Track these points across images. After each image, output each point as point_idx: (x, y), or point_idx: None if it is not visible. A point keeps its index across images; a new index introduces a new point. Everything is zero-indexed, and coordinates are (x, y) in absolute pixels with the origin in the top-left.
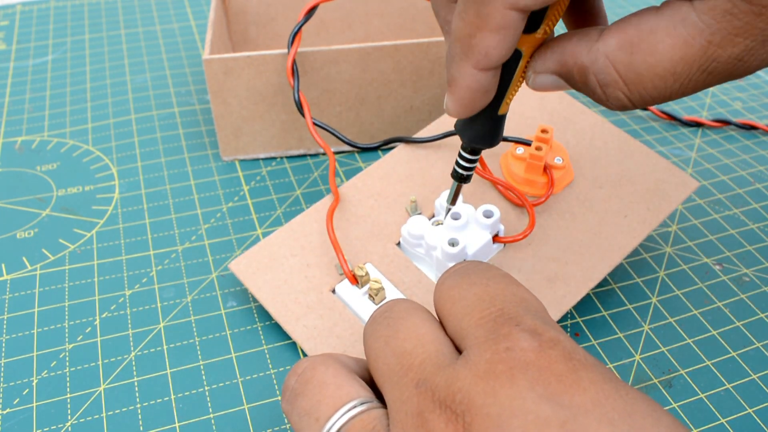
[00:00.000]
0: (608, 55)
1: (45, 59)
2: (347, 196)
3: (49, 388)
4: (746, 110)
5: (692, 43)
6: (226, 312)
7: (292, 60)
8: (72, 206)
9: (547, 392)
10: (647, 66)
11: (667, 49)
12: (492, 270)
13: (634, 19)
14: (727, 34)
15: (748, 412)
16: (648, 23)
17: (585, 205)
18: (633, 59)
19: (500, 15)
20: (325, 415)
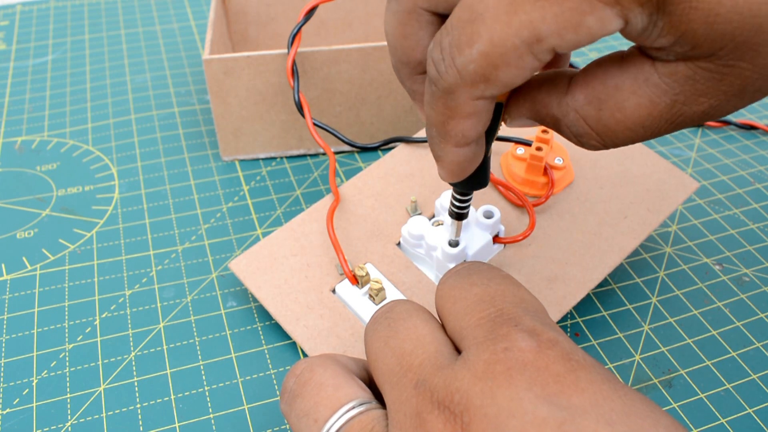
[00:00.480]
0: (577, 110)
1: (45, 59)
2: (347, 196)
3: (49, 388)
4: (746, 110)
5: (657, 102)
6: (226, 312)
7: (291, 61)
8: (72, 206)
9: (544, 393)
10: (616, 121)
11: (633, 107)
12: (493, 271)
13: (600, 72)
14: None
15: (748, 412)
16: (613, 79)
17: (585, 205)
18: (602, 115)
19: (468, 105)
20: (324, 416)
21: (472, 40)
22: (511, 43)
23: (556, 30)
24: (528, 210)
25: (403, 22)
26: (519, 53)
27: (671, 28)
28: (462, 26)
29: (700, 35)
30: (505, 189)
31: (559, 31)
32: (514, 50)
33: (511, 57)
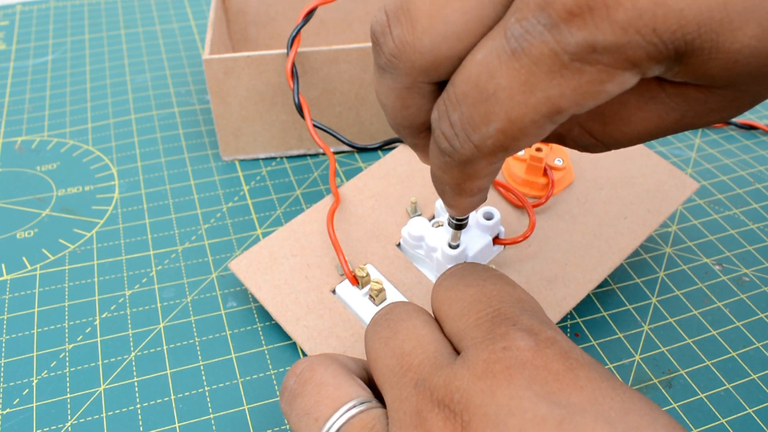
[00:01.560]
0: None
1: (45, 59)
2: (347, 196)
3: (49, 388)
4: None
5: (665, 117)
6: (226, 312)
7: (291, 63)
8: (72, 206)
9: (544, 391)
10: (622, 133)
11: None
12: (488, 271)
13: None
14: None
15: (748, 412)
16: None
17: (585, 206)
18: (607, 129)
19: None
20: (325, 415)
21: (488, 119)
22: (529, 119)
23: (575, 101)
24: (528, 211)
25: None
26: (538, 125)
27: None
28: (473, 104)
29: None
30: (505, 190)
31: (579, 101)
32: (533, 124)
33: (531, 129)
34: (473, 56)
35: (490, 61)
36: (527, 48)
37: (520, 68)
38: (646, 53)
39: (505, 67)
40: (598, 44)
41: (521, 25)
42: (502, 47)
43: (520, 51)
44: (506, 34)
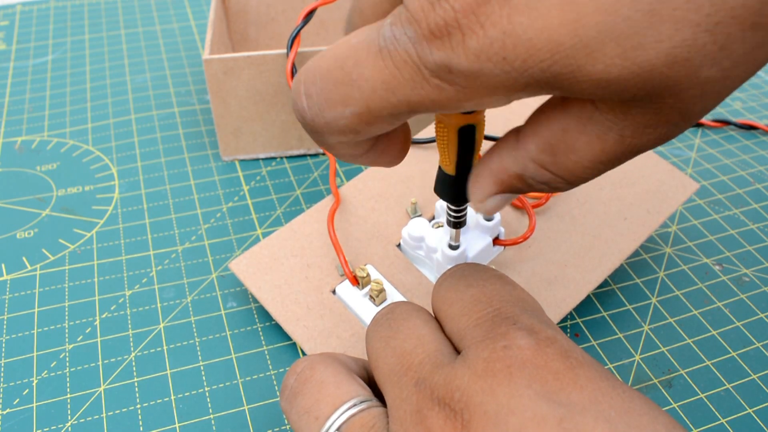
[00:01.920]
0: (534, 159)
1: (45, 59)
2: (347, 197)
3: (49, 389)
4: (746, 110)
5: (606, 138)
6: (226, 312)
7: (291, 64)
8: (72, 206)
9: (544, 390)
10: (573, 162)
11: (584, 147)
12: (488, 271)
13: (544, 118)
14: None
15: (748, 412)
16: (559, 123)
17: (585, 207)
18: (558, 159)
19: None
20: (325, 413)
21: (345, 102)
22: (387, 112)
23: (434, 108)
24: (528, 212)
25: None
26: (396, 117)
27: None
28: (334, 84)
29: (600, 95)
30: None
31: (439, 109)
32: (390, 116)
33: (387, 120)
34: (348, 39)
35: (360, 50)
36: (393, 52)
37: (384, 68)
38: (500, 80)
39: (371, 60)
40: (454, 67)
41: (392, 29)
42: (374, 41)
43: (386, 52)
44: (380, 31)
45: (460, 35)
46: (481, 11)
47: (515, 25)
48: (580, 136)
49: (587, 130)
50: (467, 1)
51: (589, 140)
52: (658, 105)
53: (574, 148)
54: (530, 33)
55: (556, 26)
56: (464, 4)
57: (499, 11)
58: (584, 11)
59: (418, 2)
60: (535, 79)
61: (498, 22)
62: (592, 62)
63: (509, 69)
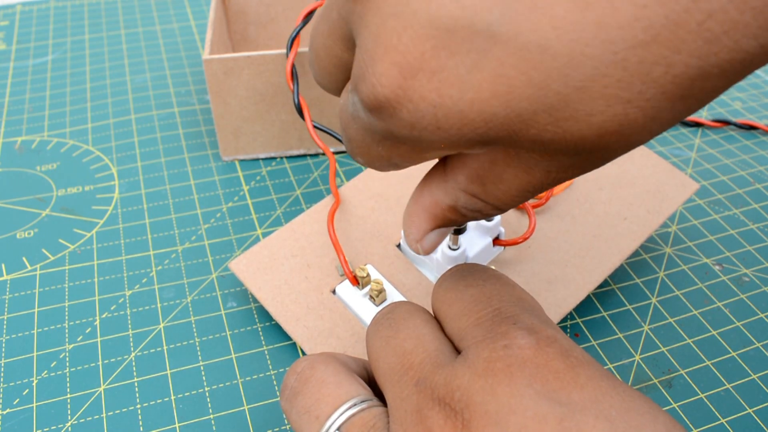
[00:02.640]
0: (465, 190)
1: (45, 59)
2: (347, 197)
3: (49, 389)
4: (746, 110)
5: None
6: (226, 312)
7: (291, 64)
8: (72, 206)
9: (545, 389)
10: (502, 191)
11: (512, 178)
12: (488, 271)
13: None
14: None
15: (748, 412)
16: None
17: (585, 207)
18: (487, 188)
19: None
20: (325, 413)
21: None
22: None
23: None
24: (528, 212)
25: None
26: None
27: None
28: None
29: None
30: None
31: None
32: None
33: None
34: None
35: (343, 113)
36: (356, 119)
37: (358, 129)
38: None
39: (349, 123)
40: (396, 134)
41: (350, 96)
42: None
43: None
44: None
45: (392, 108)
46: (408, 86)
47: (444, 98)
48: (507, 168)
49: (514, 164)
50: (394, 76)
51: (516, 173)
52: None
53: (502, 179)
54: (461, 105)
55: (487, 98)
56: (391, 79)
57: (427, 85)
58: (515, 84)
59: (357, 72)
60: (474, 141)
61: (427, 96)
62: (526, 129)
63: (446, 136)
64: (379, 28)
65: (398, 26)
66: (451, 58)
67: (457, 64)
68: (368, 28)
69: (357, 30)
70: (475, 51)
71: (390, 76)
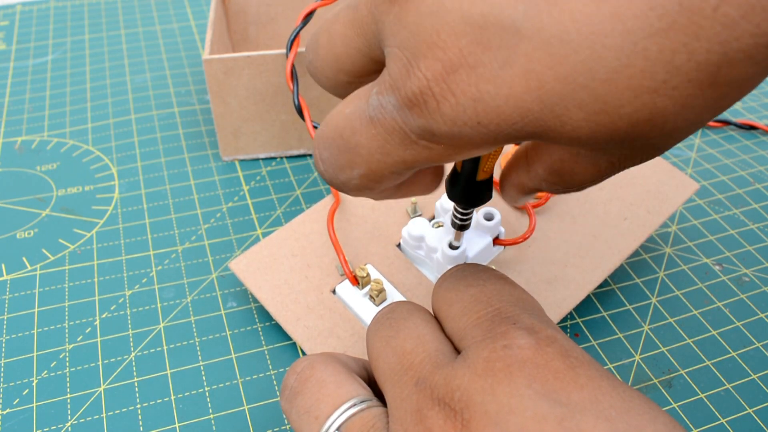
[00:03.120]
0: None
1: (45, 59)
2: (347, 197)
3: (49, 389)
4: (746, 110)
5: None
6: (226, 312)
7: (291, 65)
8: (72, 206)
9: (544, 389)
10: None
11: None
12: (488, 271)
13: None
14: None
15: (748, 412)
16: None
17: (585, 207)
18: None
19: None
20: (325, 413)
21: (351, 166)
22: (388, 171)
23: (429, 162)
24: (528, 212)
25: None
26: (398, 174)
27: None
28: (339, 151)
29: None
30: None
31: (433, 162)
32: (392, 174)
33: (390, 177)
34: (342, 109)
35: (354, 120)
36: (382, 120)
37: (376, 134)
38: (480, 140)
39: (365, 129)
40: (435, 131)
41: (378, 98)
42: (364, 111)
43: (376, 120)
44: (368, 100)
45: (435, 103)
46: (451, 79)
47: (483, 93)
48: (575, 165)
49: (579, 160)
50: (438, 70)
51: (584, 167)
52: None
53: (573, 173)
54: (498, 101)
55: (521, 94)
56: (435, 73)
57: (467, 80)
58: (545, 80)
59: (397, 70)
60: (513, 136)
61: (467, 90)
62: (561, 124)
63: (485, 131)
64: (419, 27)
65: (437, 24)
66: (485, 54)
67: (491, 60)
68: (407, 28)
69: (392, 30)
70: (505, 47)
71: (434, 70)
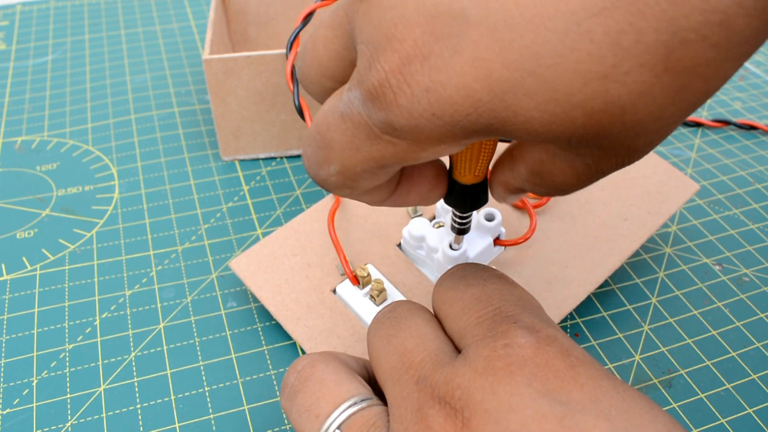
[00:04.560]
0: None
1: (45, 59)
2: None
3: (49, 389)
4: (746, 110)
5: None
6: (226, 312)
7: (291, 66)
8: (72, 206)
9: (545, 388)
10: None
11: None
12: (488, 271)
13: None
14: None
15: (748, 412)
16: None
17: (585, 207)
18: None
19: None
20: (325, 411)
21: (327, 162)
22: (360, 168)
23: (397, 162)
24: (528, 212)
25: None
26: (370, 173)
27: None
28: (317, 147)
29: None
30: None
31: (401, 162)
32: (364, 172)
33: (364, 176)
34: (323, 106)
35: (329, 116)
36: (350, 115)
37: (346, 129)
38: (441, 133)
39: (336, 124)
40: (395, 124)
41: (347, 94)
42: (337, 106)
43: (346, 115)
44: (341, 96)
45: (392, 95)
46: (407, 70)
47: (435, 83)
48: (553, 166)
49: (556, 161)
50: (395, 62)
51: (562, 168)
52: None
53: (553, 174)
54: (449, 90)
55: (471, 83)
56: (393, 65)
57: (421, 70)
58: (492, 67)
59: (361, 64)
60: (471, 130)
61: (421, 80)
62: (513, 114)
63: (441, 123)
64: (380, 21)
65: (395, 16)
66: (437, 44)
67: (442, 49)
68: (372, 22)
69: (361, 26)
70: (455, 35)
71: (392, 62)
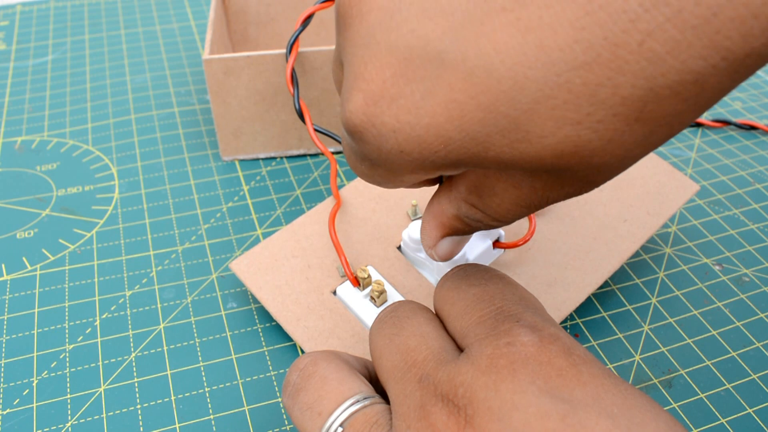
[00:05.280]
0: (465, 199)
1: (45, 59)
2: (348, 198)
3: (50, 389)
4: (746, 110)
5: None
6: (226, 313)
7: (291, 68)
8: (72, 206)
9: (547, 386)
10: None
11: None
12: (490, 271)
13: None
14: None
15: (748, 412)
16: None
17: (585, 208)
18: (484, 200)
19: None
20: (328, 409)
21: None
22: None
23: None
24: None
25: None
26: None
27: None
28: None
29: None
30: None
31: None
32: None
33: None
34: None
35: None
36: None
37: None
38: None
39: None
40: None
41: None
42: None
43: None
44: None
45: (359, 132)
46: (371, 112)
47: (403, 123)
48: (497, 182)
49: (503, 177)
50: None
51: (506, 186)
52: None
53: (495, 192)
54: (418, 130)
55: (442, 123)
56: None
57: (388, 111)
58: (466, 108)
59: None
60: (440, 164)
61: (387, 122)
62: (484, 150)
63: (410, 159)
64: (353, 58)
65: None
66: (408, 85)
67: (413, 91)
68: (347, 58)
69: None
70: (429, 78)
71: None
